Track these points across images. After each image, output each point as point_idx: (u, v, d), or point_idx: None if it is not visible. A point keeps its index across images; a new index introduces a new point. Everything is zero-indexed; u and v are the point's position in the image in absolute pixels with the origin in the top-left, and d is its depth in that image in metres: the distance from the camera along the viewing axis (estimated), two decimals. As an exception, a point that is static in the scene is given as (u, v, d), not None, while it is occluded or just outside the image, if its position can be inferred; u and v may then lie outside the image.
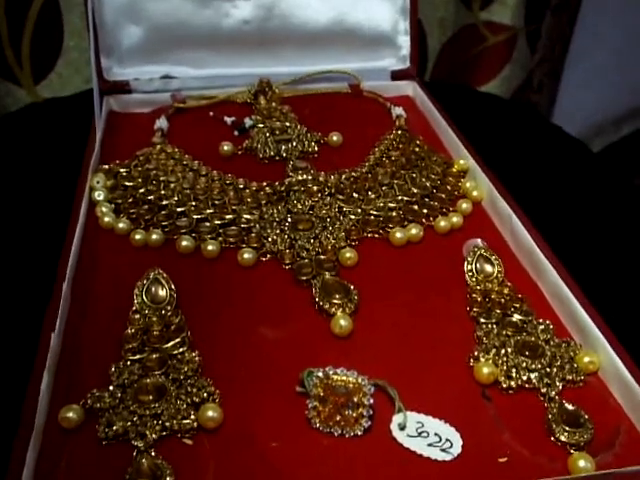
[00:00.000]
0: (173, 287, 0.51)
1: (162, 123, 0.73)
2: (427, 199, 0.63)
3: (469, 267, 0.54)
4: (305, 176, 0.64)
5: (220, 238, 0.57)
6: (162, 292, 0.50)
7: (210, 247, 0.55)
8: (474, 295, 0.53)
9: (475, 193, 0.65)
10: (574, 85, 1.45)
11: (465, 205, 0.63)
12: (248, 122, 0.74)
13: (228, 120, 0.75)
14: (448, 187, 0.65)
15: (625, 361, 0.44)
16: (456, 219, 0.61)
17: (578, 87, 1.46)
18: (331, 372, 0.41)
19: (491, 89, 1.33)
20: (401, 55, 0.87)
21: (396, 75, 0.86)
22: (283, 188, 0.61)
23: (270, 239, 0.56)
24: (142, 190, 0.63)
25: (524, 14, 1.28)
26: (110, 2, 0.78)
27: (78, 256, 0.55)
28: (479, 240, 0.56)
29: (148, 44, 0.80)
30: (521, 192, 0.71)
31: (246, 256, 0.54)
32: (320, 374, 0.41)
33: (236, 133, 0.73)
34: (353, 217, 0.59)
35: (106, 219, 0.59)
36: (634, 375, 0.43)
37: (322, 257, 0.54)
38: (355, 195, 0.62)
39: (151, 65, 0.81)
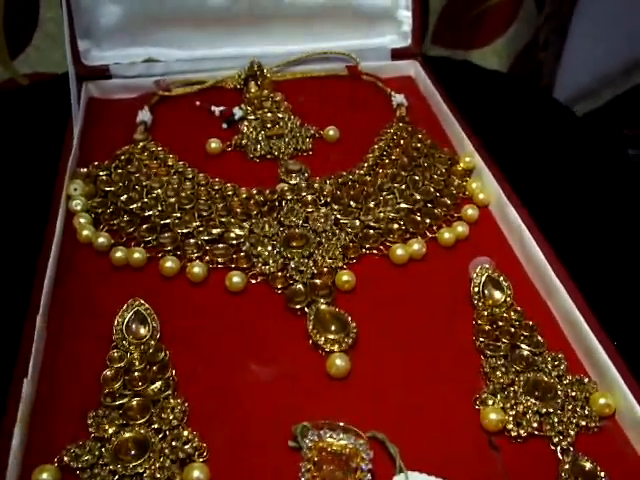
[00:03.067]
0: (156, 321, 0.47)
1: (145, 116, 0.68)
2: (430, 204, 0.59)
3: (476, 290, 0.50)
4: (299, 180, 0.59)
5: (207, 257, 0.52)
6: (144, 327, 0.46)
7: (196, 269, 0.51)
8: (480, 322, 0.49)
9: (481, 196, 0.60)
10: (581, 36, 1.40)
11: (471, 211, 0.58)
12: (238, 113, 0.69)
13: (216, 110, 0.70)
14: (452, 189, 0.61)
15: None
16: (461, 228, 0.56)
17: (586, 38, 1.41)
18: (327, 435, 0.38)
19: (496, 49, 1.26)
20: (402, 31, 0.81)
21: (397, 53, 0.80)
22: (275, 196, 0.57)
23: (261, 259, 0.51)
24: (123, 198, 0.58)
25: (532, -31, 1.20)
26: (86, -21, 0.71)
27: (54, 280, 0.50)
28: (486, 259, 0.52)
29: (129, 24, 0.74)
30: (526, 178, 0.68)
31: (235, 280, 0.50)
32: (315, 437, 0.38)
33: (225, 126, 0.68)
34: (350, 230, 0.55)
35: (84, 232, 0.55)
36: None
37: (317, 281, 0.50)
38: (353, 204, 0.57)
39: (132, 47, 0.75)
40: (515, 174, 0.63)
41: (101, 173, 0.61)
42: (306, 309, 0.48)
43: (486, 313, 0.49)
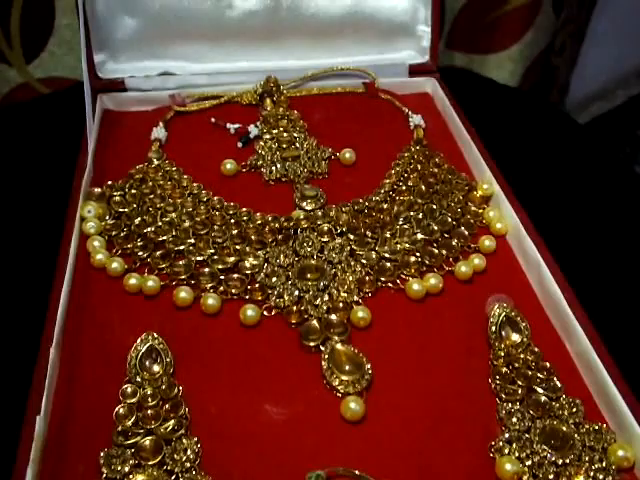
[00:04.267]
0: (170, 356, 0.47)
1: (160, 133, 0.67)
2: (447, 234, 0.58)
3: (493, 329, 0.49)
4: (314, 205, 0.59)
5: (221, 288, 0.52)
6: (158, 362, 0.46)
7: (210, 301, 0.50)
8: (496, 363, 0.48)
9: (499, 225, 0.59)
10: (597, 39, 1.39)
11: (488, 242, 0.58)
12: (253, 131, 0.68)
13: (232, 128, 0.69)
14: (469, 218, 0.60)
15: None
16: (478, 261, 0.56)
17: (601, 41, 1.40)
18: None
19: (512, 54, 1.25)
20: (421, 46, 0.80)
21: (414, 69, 0.79)
22: (291, 224, 0.56)
23: (275, 291, 0.51)
24: (137, 221, 0.58)
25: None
26: (103, -8, 0.71)
27: (67, 306, 0.50)
28: (503, 297, 0.51)
29: (145, 37, 0.74)
30: (541, 198, 0.67)
31: (249, 314, 0.49)
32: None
33: (240, 145, 0.67)
34: (366, 262, 0.54)
35: (98, 257, 0.55)
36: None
37: (332, 317, 0.49)
38: (369, 233, 0.56)
39: (148, 60, 0.75)
40: (529, 194, 0.62)
41: (115, 193, 0.60)
42: (321, 347, 0.47)
43: (502, 354, 0.49)
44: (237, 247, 0.55)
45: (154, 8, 0.72)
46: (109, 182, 0.61)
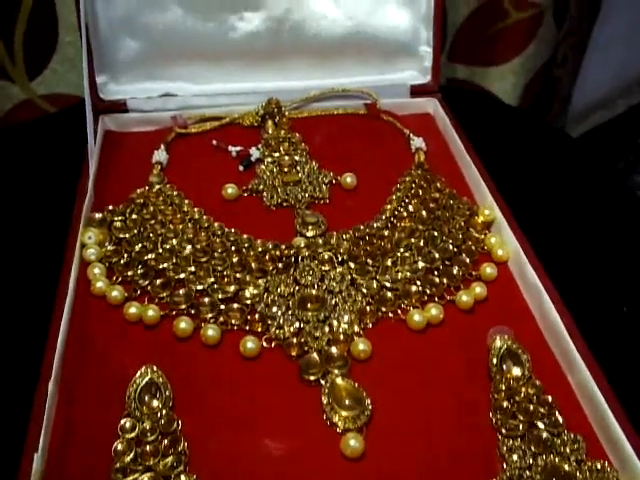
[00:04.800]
0: (169, 389, 0.46)
1: (161, 156, 0.67)
2: (448, 262, 0.58)
3: (494, 361, 0.49)
4: (315, 232, 0.59)
5: (221, 318, 0.52)
6: (157, 396, 0.46)
7: (210, 332, 0.50)
8: (497, 396, 0.48)
9: (500, 252, 0.59)
10: (598, 49, 1.39)
11: (489, 270, 0.57)
12: (255, 154, 0.68)
13: (233, 151, 0.69)
14: (471, 244, 0.59)
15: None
16: (479, 289, 0.55)
17: (602, 51, 1.40)
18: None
19: (514, 67, 1.24)
20: (422, 67, 0.80)
21: (416, 90, 0.79)
22: (291, 252, 0.56)
23: (276, 323, 0.51)
24: (138, 247, 0.57)
25: (553, -12, 1.18)
26: (106, 14, 0.71)
27: (66, 339, 0.50)
28: (504, 328, 0.51)
29: (147, 59, 0.74)
30: (541, 221, 0.68)
31: (249, 346, 0.49)
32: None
33: (241, 168, 0.67)
34: (366, 291, 0.54)
35: (98, 285, 0.54)
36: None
37: (332, 350, 0.49)
38: (370, 261, 0.56)
39: (150, 81, 0.75)
40: (530, 216, 0.63)
41: (116, 219, 0.60)
42: (321, 380, 0.47)
43: (504, 387, 0.48)
44: (237, 275, 0.55)
45: (156, 30, 0.72)
46: (110, 207, 0.61)
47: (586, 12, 1.32)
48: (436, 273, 0.57)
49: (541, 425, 0.46)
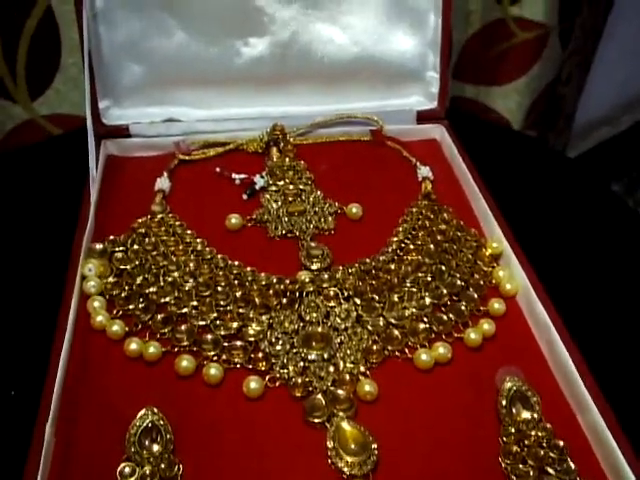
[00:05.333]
0: (170, 432, 0.45)
1: (163, 184, 0.66)
2: (456, 297, 0.57)
3: (503, 403, 0.48)
4: (320, 265, 0.57)
5: (224, 356, 0.51)
6: (157, 440, 0.45)
7: (212, 371, 0.49)
8: (507, 440, 0.47)
9: (509, 286, 0.58)
10: (602, 67, 1.38)
11: (497, 305, 0.56)
12: (259, 182, 0.67)
13: (237, 178, 0.68)
14: (479, 278, 0.58)
15: None
16: (487, 326, 0.54)
17: (606, 68, 1.39)
18: None
19: (518, 86, 1.24)
20: (429, 92, 0.79)
21: (422, 116, 0.78)
22: (296, 287, 0.55)
23: (280, 362, 0.50)
24: (139, 280, 0.56)
25: (558, 10, 1.18)
26: (109, 38, 0.70)
27: (64, 377, 0.49)
28: (514, 369, 0.50)
29: (150, 84, 0.73)
30: (550, 247, 0.68)
31: (252, 386, 0.48)
32: None
33: (245, 197, 0.66)
34: (372, 328, 0.53)
35: (98, 319, 0.53)
36: None
37: (338, 391, 0.48)
38: (376, 297, 0.55)
39: (153, 106, 0.74)
40: (538, 246, 0.62)
41: (117, 249, 0.59)
42: (326, 423, 0.46)
43: (513, 430, 0.47)
44: (241, 311, 0.54)
45: (160, 54, 0.71)
46: (111, 237, 0.60)
47: (590, 31, 1.31)
48: (444, 309, 0.55)
49: (552, 471, 0.45)
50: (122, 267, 0.58)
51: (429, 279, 0.57)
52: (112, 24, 0.69)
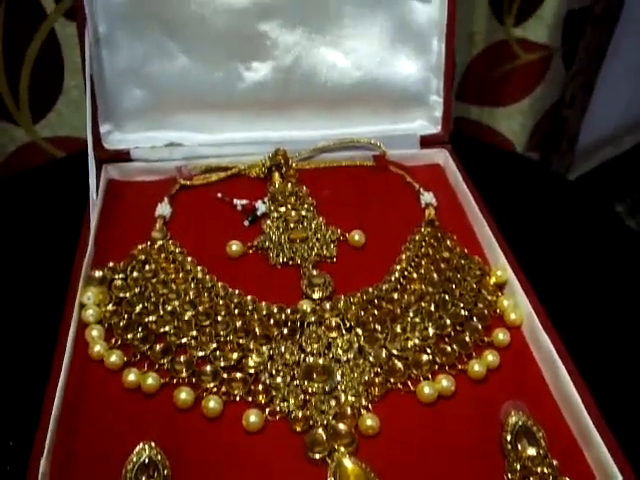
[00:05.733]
0: (168, 467, 0.44)
1: (164, 209, 0.66)
2: (459, 327, 0.56)
3: (508, 438, 0.47)
4: (322, 294, 0.57)
5: (223, 388, 0.50)
6: (155, 477, 0.44)
7: (212, 404, 0.48)
8: (512, 477, 0.46)
9: (513, 316, 0.57)
10: (606, 87, 1.38)
11: (502, 336, 0.55)
12: (260, 208, 0.67)
13: (238, 204, 0.68)
14: (483, 307, 0.58)
15: None
16: (491, 357, 0.53)
17: (610, 89, 1.39)
18: None
19: (522, 108, 1.24)
20: (433, 117, 0.78)
21: (426, 140, 0.78)
22: (297, 317, 0.54)
23: (280, 395, 0.49)
24: (138, 309, 0.56)
25: (562, 32, 1.18)
26: (111, 63, 0.70)
27: (61, 409, 0.48)
28: (518, 404, 0.49)
29: (152, 108, 0.73)
30: (555, 275, 0.67)
31: (252, 420, 0.47)
32: None
33: (246, 223, 0.66)
34: (375, 360, 0.52)
35: (96, 349, 0.53)
36: None
37: (339, 426, 0.47)
38: (378, 327, 0.54)
39: (155, 130, 0.74)
40: (543, 274, 0.61)
41: (116, 277, 0.58)
42: (327, 459, 0.45)
43: (518, 467, 0.46)
44: (241, 341, 0.53)
45: (162, 79, 0.71)
46: (110, 264, 0.59)
47: (594, 51, 1.31)
48: (447, 340, 0.54)
49: (558, 506, 0.44)
50: (121, 295, 0.57)
51: (432, 309, 0.56)
52: (114, 48, 0.69)
